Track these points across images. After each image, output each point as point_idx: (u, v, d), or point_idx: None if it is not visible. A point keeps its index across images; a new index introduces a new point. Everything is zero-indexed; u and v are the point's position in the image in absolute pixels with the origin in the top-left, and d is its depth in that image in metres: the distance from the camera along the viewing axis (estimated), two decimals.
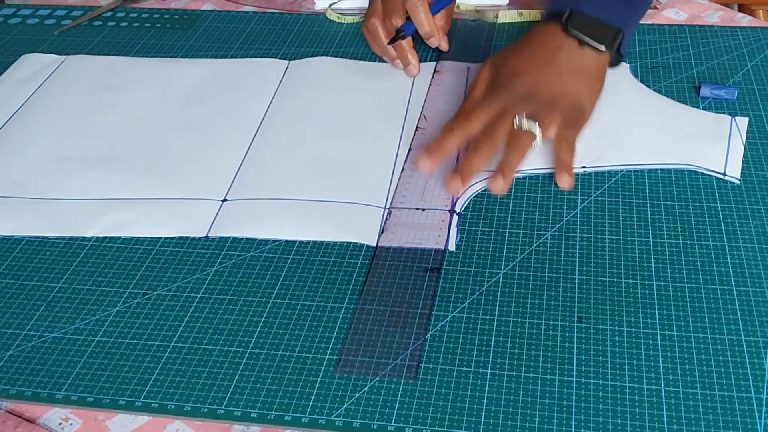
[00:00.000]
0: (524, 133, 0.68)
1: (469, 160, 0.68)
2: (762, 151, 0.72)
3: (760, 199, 0.67)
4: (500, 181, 0.67)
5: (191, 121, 0.79)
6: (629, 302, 0.59)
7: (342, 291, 0.61)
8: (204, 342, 0.58)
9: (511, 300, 0.59)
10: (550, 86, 0.71)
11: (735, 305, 0.58)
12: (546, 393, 0.53)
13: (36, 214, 0.69)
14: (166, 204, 0.69)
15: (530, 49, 0.75)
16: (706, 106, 0.78)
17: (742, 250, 0.62)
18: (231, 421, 0.52)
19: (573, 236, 0.64)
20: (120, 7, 1.01)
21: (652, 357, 0.55)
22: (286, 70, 0.86)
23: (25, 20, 0.99)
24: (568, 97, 0.71)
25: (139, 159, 0.74)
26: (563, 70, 0.72)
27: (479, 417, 0.52)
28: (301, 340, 0.57)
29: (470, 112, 0.71)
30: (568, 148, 0.69)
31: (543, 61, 0.73)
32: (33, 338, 0.58)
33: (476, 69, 0.84)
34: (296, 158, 0.73)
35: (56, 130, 0.79)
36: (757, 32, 0.88)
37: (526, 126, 0.69)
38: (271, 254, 0.64)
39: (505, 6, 0.96)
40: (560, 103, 0.70)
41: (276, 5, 1.00)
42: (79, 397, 0.54)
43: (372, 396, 0.53)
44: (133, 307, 0.61)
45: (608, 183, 0.69)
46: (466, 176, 0.68)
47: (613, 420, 0.51)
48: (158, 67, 0.88)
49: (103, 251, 0.65)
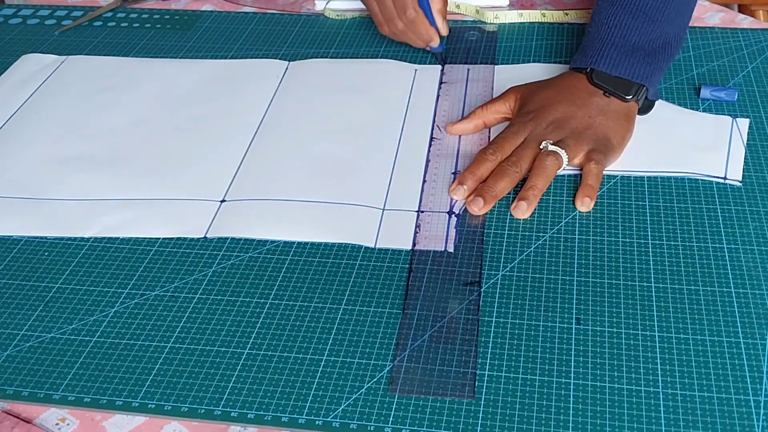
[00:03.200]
0: (550, 158, 0.68)
1: (494, 184, 0.67)
2: (762, 154, 0.72)
3: (760, 201, 0.67)
4: (524, 205, 0.66)
5: (191, 121, 0.79)
6: (628, 304, 0.59)
7: (340, 292, 0.61)
8: (201, 342, 0.57)
9: (509, 302, 0.59)
10: (578, 119, 0.71)
11: (734, 308, 0.58)
12: (544, 395, 0.53)
13: (34, 214, 0.69)
14: (165, 204, 0.69)
15: (560, 86, 0.74)
16: (706, 107, 0.78)
17: (741, 253, 0.62)
18: (228, 421, 0.52)
19: (571, 238, 0.64)
20: (120, 8, 1.01)
21: (651, 359, 0.55)
22: (286, 70, 0.86)
23: (25, 20, 0.99)
24: (596, 130, 0.70)
25: (138, 159, 0.74)
26: (593, 108, 0.72)
27: (476, 419, 0.51)
28: (298, 341, 0.57)
29: (501, 140, 0.70)
30: (594, 175, 0.68)
31: (573, 97, 0.72)
32: (30, 338, 0.58)
33: (476, 69, 0.85)
34: (295, 159, 0.73)
35: (56, 130, 0.79)
36: (757, 34, 0.88)
37: (554, 149, 0.68)
38: (269, 255, 0.64)
39: (505, 7, 0.96)
40: (588, 134, 0.70)
41: (276, 6, 1.00)
42: (76, 398, 0.54)
43: (369, 397, 0.53)
44: (131, 307, 0.61)
45: (608, 185, 0.69)
46: (489, 200, 0.67)
47: (611, 422, 0.51)
48: (158, 67, 0.88)
49: (101, 251, 0.65)
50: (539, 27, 0.92)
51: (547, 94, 0.73)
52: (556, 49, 0.88)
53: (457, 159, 0.73)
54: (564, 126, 0.70)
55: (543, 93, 0.74)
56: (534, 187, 0.67)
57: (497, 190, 0.67)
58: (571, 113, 0.71)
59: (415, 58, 0.88)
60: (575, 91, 0.73)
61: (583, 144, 0.69)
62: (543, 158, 0.68)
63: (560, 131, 0.70)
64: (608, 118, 0.71)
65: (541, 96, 0.73)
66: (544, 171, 0.67)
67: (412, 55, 0.88)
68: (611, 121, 0.71)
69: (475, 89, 0.82)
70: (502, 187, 0.67)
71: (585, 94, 0.72)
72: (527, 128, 0.71)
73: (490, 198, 0.67)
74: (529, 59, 0.86)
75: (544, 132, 0.70)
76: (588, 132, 0.70)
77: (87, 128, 0.79)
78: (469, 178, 0.68)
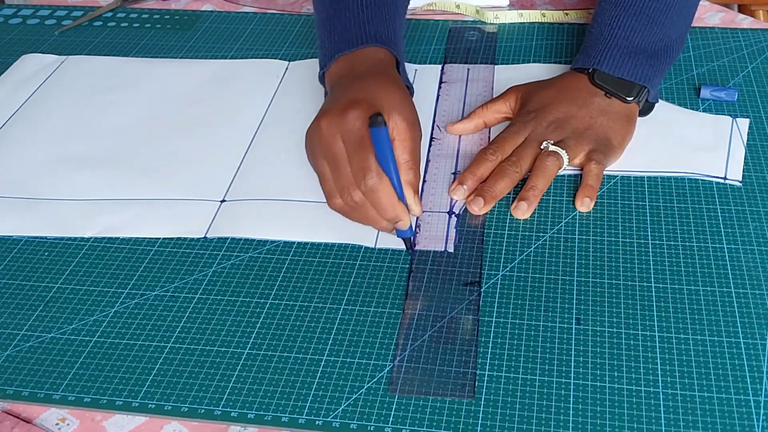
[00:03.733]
0: (551, 158, 0.68)
1: (494, 185, 0.67)
2: (762, 154, 0.72)
3: (760, 201, 0.67)
4: (524, 205, 0.66)
5: (191, 121, 0.79)
6: (628, 304, 0.59)
7: (340, 292, 0.61)
8: (201, 342, 0.57)
9: (509, 302, 0.59)
10: (579, 119, 0.71)
11: (734, 307, 0.58)
12: (544, 395, 0.53)
13: (34, 214, 0.69)
14: (165, 204, 0.69)
15: (561, 86, 0.74)
16: (706, 107, 0.78)
17: (741, 253, 0.62)
18: (228, 421, 0.52)
19: (572, 238, 0.64)
20: (120, 8, 1.01)
21: (651, 359, 0.55)
22: (286, 70, 0.86)
23: (25, 20, 0.99)
24: (597, 130, 0.70)
25: (138, 159, 0.74)
26: (593, 108, 0.72)
27: (476, 419, 0.51)
28: (298, 341, 0.57)
29: (502, 140, 0.70)
30: (595, 175, 0.68)
31: (574, 96, 0.72)
32: (30, 338, 0.58)
33: (476, 69, 0.85)
34: (295, 159, 0.73)
35: (56, 130, 0.79)
36: (757, 34, 0.88)
37: (554, 150, 0.68)
38: (269, 255, 0.64)
39: (505, 7, 0.96)
40: (589, 134, 0.70)
41: (276, 6, 1.00)
42: (76, 398, 0.54)
43: (369, 398, 0.53)
44: (131, 307, 0.61)
45: (608, 185, 0.69)
46: (489, 200, 0.67)
47: (610, 422, 0.51)
48: (158, 67, 0.88)
49: (101, 251, 0.65)
50: (539, 27, 0.92)
51: (548, 93, 0.73)
52: (556, 49, 0.88)
53: (457, 159, 0.73)
54: (565, 126, 0.70)
55: (544, 93, 0.74)
56: (534, 188, 0.67)
57: (497, 190, 0.67)
58: (572, 113, 0.71)
59: (415, 58, 0.88)
60: (576, 91, 0.73)
61: (584, 144, 0.69)
62: (543, 158, 0.68)
63: (561, 131, 0.70)
64: (609, 118, 0.71)
65: (542, 96, 0.73)
66: (544, 171, 0.67)
67: (413, 55, 0.88)
68: (612, 122, 0.71)
69: (475, 89, 0.82)
70: (503, 187, 0.67)
71: (586, 95, 0.72)
72: (528, 128, 0.71)
73: (490, 198, 0.67)
74: (529, 59, 0.86)
75: (545, 132, 0.70)
76: (589, 132, 0.70)
77: (87, 128, 0.79)
78: (469, 178, 0.68)
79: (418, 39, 0.91)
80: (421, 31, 0.93)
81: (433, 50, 0.89)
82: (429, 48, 0.89)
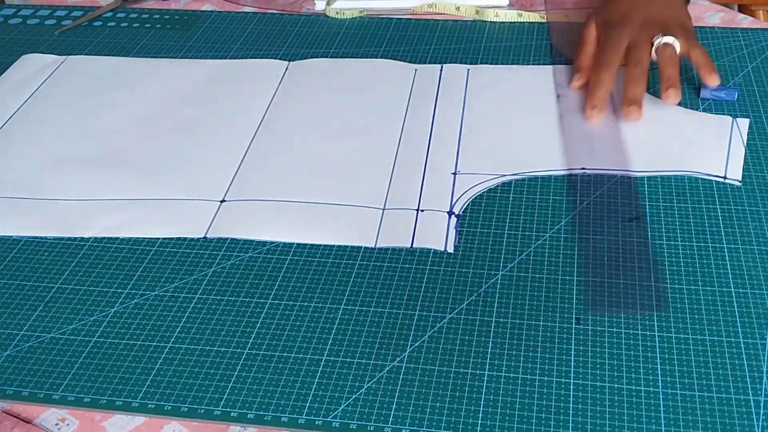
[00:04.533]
0: (669, 48, 0.74)
1: (633, 88, 0.72)
2: (762, 153, 0.72)
3: (760, 201, 0.67)
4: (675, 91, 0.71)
5: (190, 121, 0.79)
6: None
7: (339, 292, 0.61)
8: (201, 343, 0.57)
9: (509, 302, 0.59)
10: (659, 14, 0.77)
11: (733, 307, 0.58)
12: (544, 395, 0.53)
13: (34, 214, 0.69)
14: (165, 204, 0.69)
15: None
16: (706, 107, 0.78)
17: (741, 253, 0.62)
18: (228, 422, 0.52)
19: (571, 238, 0.64)
20: (120, 8, 1.01)
21: (650, 359, 0.55)
22: (286, 70, 0.86)
23: (25, 20, 0.99)
24: (678, 19, 0.78)
25: (138, 159, 0.74)
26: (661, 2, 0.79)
27: (476, 419, 0.51)
28: (298, 341, 0.57)
29: (607, 58, 0.75)
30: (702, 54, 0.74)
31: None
32: (30, 338, 0.58)
33: (476, 69, 0.85)
34: (295, 159, 0.73)
35: (56, 130, 0.79)
36: (758, 33, 0.88)
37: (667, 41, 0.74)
38: (269, 255, 0.64)
39: (505, 6, 0.96)
40: (674, 23, 0.77)
41: (276, 6, 1.00)
42: (76, 398, 0.54)
43: (369, 397, 0.53)
44: (131, 307, 0.61)
45: (607, 184, 0.69)
46: (640, 103, 0.71)
47: (610, 422, 0.51)
48: (158, 67, 0.88)
49: (101, 252, 0.65)
50: (539, 27, 0.92)
51: (620, 4, 0.79)
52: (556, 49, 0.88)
53: (457, 159, 0.73)
54: (652, 23, 0.76)
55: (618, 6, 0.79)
56: (672, 77, 0.72)
57: (639, 94, 0.72)
58: (651, 11, 0.77)
59: (415, 58, 0.88)
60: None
61: (677, 32, 0.75)
62: (664, 51, 0.74)
63: (651, 28, 0.76)
64: (676, 8, 0.79)
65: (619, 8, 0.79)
66: (672, 60, 0.73)
67: (412, 55, 0.88)
68: (679, 10, 0.79)
69: (475, 89, 0.82)
70: (642, 90, 0.72)
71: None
72: (624, 36, 0.76)
73: (639, 104, 0.71)
74: (529, 59, 0.86)
75: (641, 34, 0.75)
76: (673, 22, 0.77)
77: (87, 128, 0.79)
78: (598, 99, 0.73)
79: (418, 39, 0.91)
80: (421, 31, 0.93)
81: (433, 50, 0.89)
82: (429, 48, 0.89)
